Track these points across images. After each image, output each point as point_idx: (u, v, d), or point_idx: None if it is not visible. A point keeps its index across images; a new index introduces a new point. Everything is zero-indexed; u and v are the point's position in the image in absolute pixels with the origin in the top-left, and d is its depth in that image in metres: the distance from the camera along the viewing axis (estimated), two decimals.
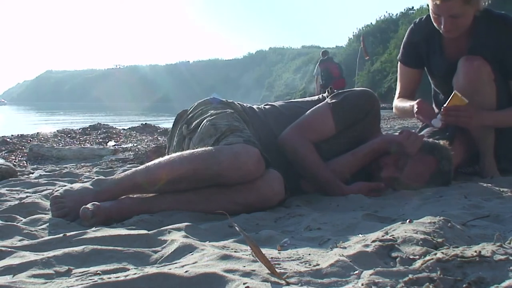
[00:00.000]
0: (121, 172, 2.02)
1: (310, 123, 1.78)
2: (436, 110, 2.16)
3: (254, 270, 0.79)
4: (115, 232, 1.13)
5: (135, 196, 1.52)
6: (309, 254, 0.93)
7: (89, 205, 1.36)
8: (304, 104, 1.93)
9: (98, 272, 0.85)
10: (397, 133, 1.86)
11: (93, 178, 1.91)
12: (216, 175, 1.42)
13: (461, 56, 1.94)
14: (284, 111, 1.89)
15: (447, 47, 2.06)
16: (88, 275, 0.84)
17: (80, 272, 0.86)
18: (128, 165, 3.20)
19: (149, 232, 1.12)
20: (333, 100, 1.81)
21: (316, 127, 1.78)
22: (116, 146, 5.01)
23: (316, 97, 1.99)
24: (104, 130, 6.96)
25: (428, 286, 0.69)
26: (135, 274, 0.79)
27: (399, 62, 2.27)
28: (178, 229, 1.15)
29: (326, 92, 1.94)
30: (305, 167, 1.73)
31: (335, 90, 1.94)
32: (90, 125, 7.59)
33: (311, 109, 1.83)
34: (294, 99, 2.33)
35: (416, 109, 1.99)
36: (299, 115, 1.81)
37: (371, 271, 0.76)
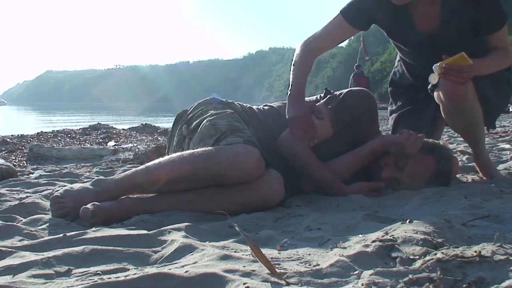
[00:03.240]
0: (121, 172, 2.02)
1: None
2: (411, 79, 2.13)
3: (254, 270, 0.79)
4: (115, 232, 1.13)
5: (135, 196, 1.52)
6: (309, 254, 0.93)
7: (89, 205, 1.36)
8: None
9: (98, 272, 0.85)
10: (396, 133, 1.86)
11: (93, 178, 1.91)
12: (216, 175, 1.42)
13: (434, 29, 1.87)
14: (283, 112, 1.89)
15: (418, 19, 1.92)
16: (88, 275, 0.84)
17: (80, 272, 0.86)
18: (128, 165, 3.20)
19: (149, 232, 1.12)
20: (329, 101, 1.81)
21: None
22: (116, 146, 5.01)
23: (314, 97, 1.99)
24: (104, 130, 6.97)
25: (428, 286, 0.69)
26: (135, 274, 0.79)
27: (339, 13, 1.97)
28: (178, 229, 1.15)
29: (323, 93, 1.94)
30: (305, 168, 1.73)
31: (331, 90, 1.94)
32: (90, 125, 7.60)
33: None
34: None
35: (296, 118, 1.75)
36: None
37: (371, 271, 0.76)
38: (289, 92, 1.86)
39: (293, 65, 1.94)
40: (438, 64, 1.71)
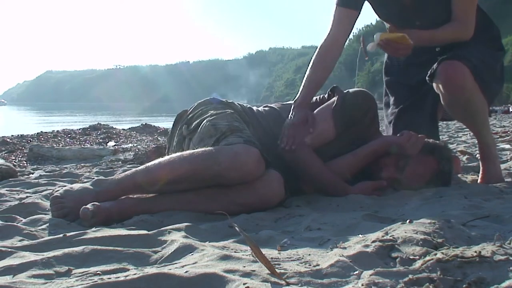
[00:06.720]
0: (121, 172, 2.02)
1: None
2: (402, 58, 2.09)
3: (254, 270, 0.79)
4: (115, 232, 1.13)
5: (135, 196, 1.52)
6: (309, 255, 0.93)
7: (89, 205, 1.36)
8: None
9: (98, 272, 0.85)
10: (396, 134, 1.85)
11: (93, 178, 1.91)
12: (216, 175, 1.42)
13: None
14: (283, 113, 1.89)
15: None
16: (88, 275, 0.84)
17: (80, 272, 0.86)
18: (128, 165, 3.20)
19: (149, 232, 1.12)
20: (334, 104, 1.81)
21: (317, 133, 1.76)
22: (116, 146, 5.01)
23: (314, 98, 1.98)
24: (104, 130, 6.97)
25: (428, 286, 0.69)
26: (135, 274, 0.79)
27: (335, 5, 1.98)
28: (178, 230, 1.15)
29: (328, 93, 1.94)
30: (309, 173, 1.73)
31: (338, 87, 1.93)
32: (90, 125, 7.61)
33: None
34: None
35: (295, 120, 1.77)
36: None
37: (371, 271, 0.76)
38: (295, 99, 1.89)
39: (306, 72, 1.94)
40: (380, 34, 1.74)
